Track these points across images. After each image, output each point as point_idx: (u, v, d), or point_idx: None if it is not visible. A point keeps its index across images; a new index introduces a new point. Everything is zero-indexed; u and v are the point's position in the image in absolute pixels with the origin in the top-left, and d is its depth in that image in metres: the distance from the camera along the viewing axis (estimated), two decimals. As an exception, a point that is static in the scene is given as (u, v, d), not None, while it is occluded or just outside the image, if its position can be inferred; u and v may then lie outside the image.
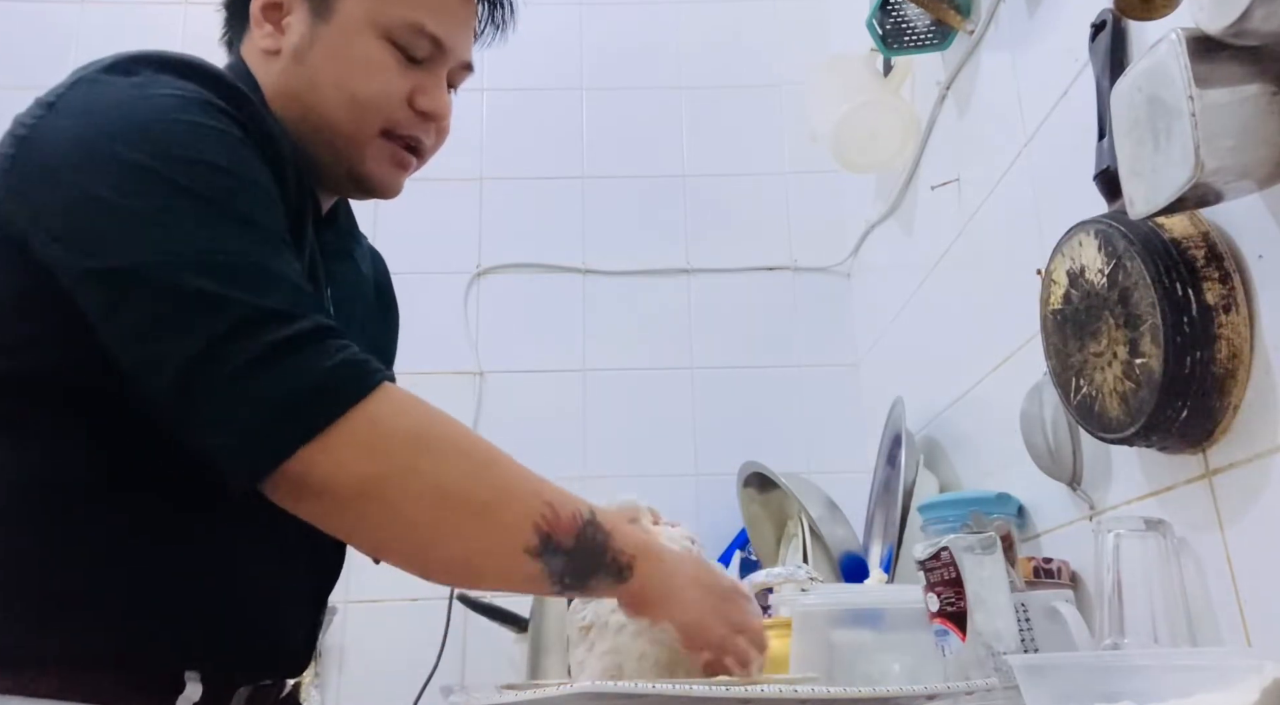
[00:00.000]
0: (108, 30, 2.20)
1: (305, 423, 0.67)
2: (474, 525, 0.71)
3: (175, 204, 0.70)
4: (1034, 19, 1.27)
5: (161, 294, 0.67)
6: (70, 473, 0.73)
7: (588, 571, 0.74)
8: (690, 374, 2.13)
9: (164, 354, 0.67)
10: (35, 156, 0.73)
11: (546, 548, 0.72)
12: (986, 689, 0.78)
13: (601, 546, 0.75)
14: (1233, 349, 0.84)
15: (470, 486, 0.72)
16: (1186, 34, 0.72)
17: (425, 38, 0.88)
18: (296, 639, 0.88)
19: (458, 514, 0.71)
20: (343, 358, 0.69)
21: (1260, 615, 0.84)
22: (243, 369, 0.66)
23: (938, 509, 1.32)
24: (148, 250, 0.68)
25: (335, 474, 0.67)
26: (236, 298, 0.67)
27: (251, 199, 0.74)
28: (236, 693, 0.81)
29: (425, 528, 0.71)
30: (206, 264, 0.68)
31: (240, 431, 0.66)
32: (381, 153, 0.90)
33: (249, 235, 0.71)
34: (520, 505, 0.73)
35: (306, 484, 0.67)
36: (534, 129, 2.27)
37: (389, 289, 1.11)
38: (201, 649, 0.77)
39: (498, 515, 0.72)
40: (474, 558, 0.73)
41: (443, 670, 1.75)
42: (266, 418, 0.66)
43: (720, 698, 0.66)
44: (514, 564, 0.72)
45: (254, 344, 0.66)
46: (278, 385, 0.66)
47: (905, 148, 1.73)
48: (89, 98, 0.75)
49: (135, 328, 0.68)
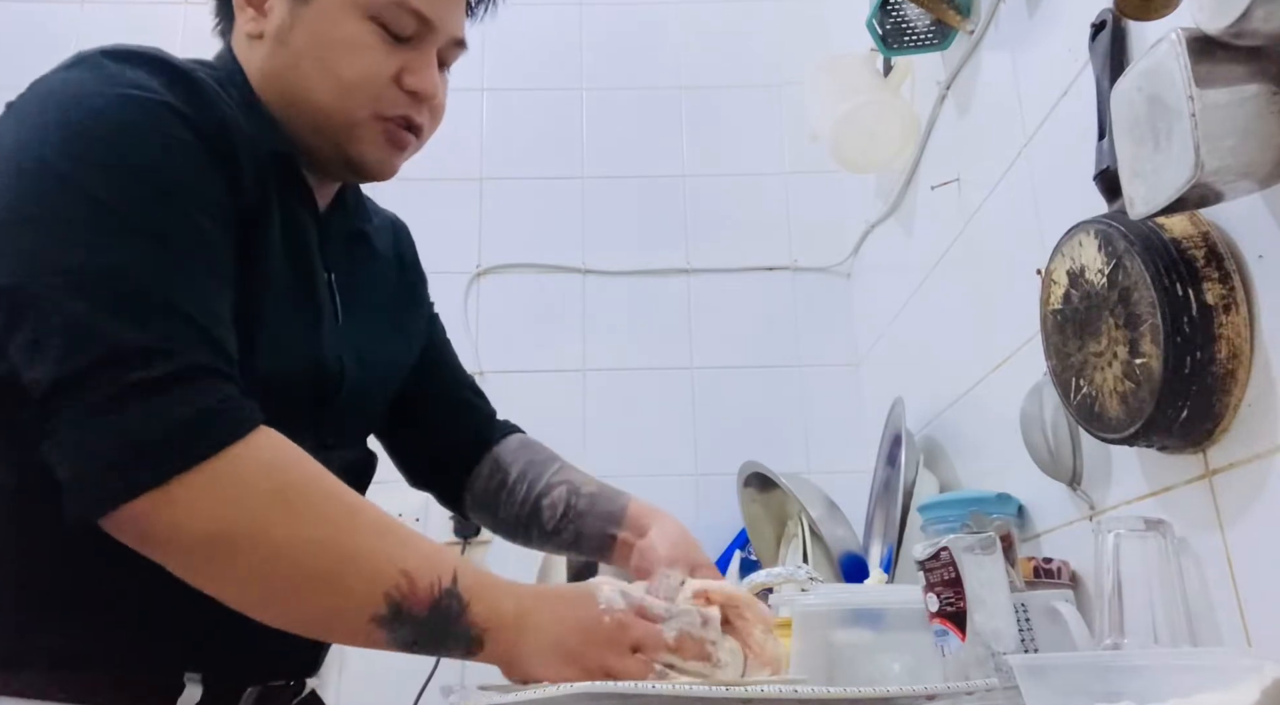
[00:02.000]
0: (108, 30, 2.18)
1: (148, 471, 0.64)
2: (318, 591, 0.68)
3: (81, 214, 0.68)
4: (1034, 19, 1.27)
5: (42, 317, 0.66)
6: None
7: (437, 641, 0.71)
8: (690, 374, 2.13)
9: (36, 377, 0.65)
10: None
11: (396, 617, 0.69)
12: (986, 689, 0.78)
13: (454, 618, 0.71)
14: (1233, 349, 0.84)
15: (316, 554, 0.68)
16: (1186, 34, 0.72)
17: (410, 14, 0.85)
18: (299, 640, 0.88)
19: (302, 578, 0.68)
20: (207, 404, 0.66)
21: (1260, 615, 0.84)
22: (101, 404, 0.64)
23: (938, 509, 1.32)
24: (39, 266, 0.67)
25: (179, 524, 0.65)
26: (111, 329, 0.65)
27: (173, 213, 0.71)
28: (245, 693, 0.81)
29: (268, 589, 0.68)
30: (93, 285, 0.66)
31: (87, 467, 0.65)
32: (374, 134, 0.87)
33: (154, 253, 0.69)
34: (371, 575, 0.69)
35: (148, 530, 0.65)
36: (534, 129, 2.27)
37: (414, 266, 1.09)
38: (201, 650, 0.76)
39: (346, 583, 0.69)
40: (318, 620, 0.71)
41: (443, 670, 1.75)
42: (116, 457, 0.64)
43: (720, 698, 0.66)
44: (359, 630, 0.69)
45: (118, 379, 0.64)
46: (133, 425, 0.64)
47: (905, 148, 1.73)
48: (36, 100, 0.74)
49: (21, 349, 0.67)
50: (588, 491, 1.05)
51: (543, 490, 1.06)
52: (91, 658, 0.72)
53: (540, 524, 1.05)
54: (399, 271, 1.05)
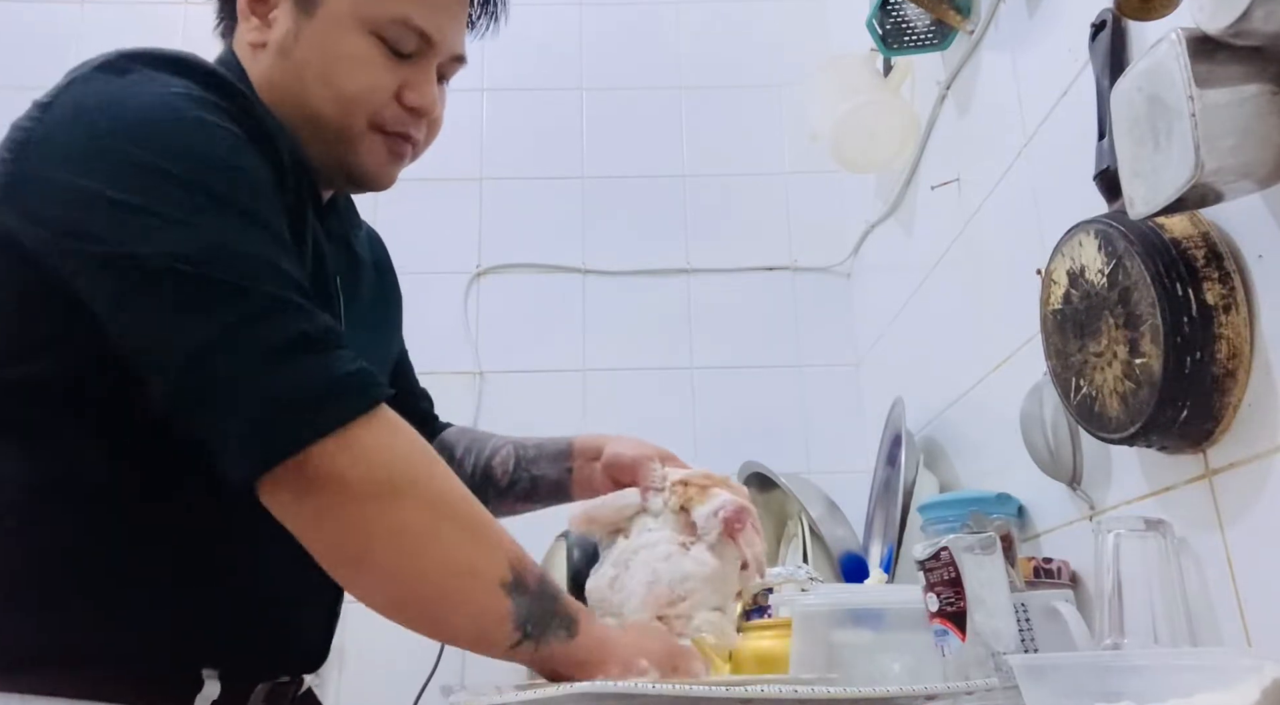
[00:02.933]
0: (108, 30, 2.20)
1: (326, 418, 0.67)
2: (463, 540, 0.71)
3: (175, 198, 0.70)
4: (1034, 19, 1.27)
5: (175, 283, 0.67)
6: (86, 475, 0.74)
7: (545, 620, 0.73)
8: (690, 374, 2.13)
9: (176, 339, 0.67)
10: (32, 158, 0.73)
11: (518, 585, 0.72)
12: (986, 689, 0.78)
13: (554, 598, 0.75)
14: (1233, 349, 0.84)
15: (466, 505, 0.73)
16: (1186, 34, 0.72)
17: (412, 32, 0.87)
18: (314, 636, 0.88)
19: (452, 527, 0.71)
20: (360, 364, 0.70)
21: (1260, 615, 0.84)
22: (262, 358, 0.66)
23: (938, 509, 1.32)
24: (156, 242, 0.68)
25: (351, 470, 0.67)
26: (250, 287, 0.68)
27: (254, 195, 0.74)
28: (255, 690, 0.81)
29: (419, 534, 0.70)
30: (216, 257, 0.68)
31: (254, 420, 0.66)
32: (374, 145, 0.88)
33: (254, 231, 0.71)
34: (499, 538, 0.73)
35: (318, 478, 0.67)
36: (534, 129, 2.27)
37: (390, 271, 1.11)
38: (220, 647, 0.77)
39: (484, 538, 0.72)
40: (453, 577, 0.72)
41: (443, 670, 1.75)
42: (284, 408, 0.66)
43: (720, 698, 0.66)
44: (489, 594, 0.71)
45: (274, 334, 0.67)
46: (300, 378, 0.67)
47: (905, 148, 1.73)
48: (84, 97, 0.74)
49: (149, 316, 0.68)
50: (533, 443, 1.10)
51: (490, 454, 1.10)
52: (112, 655, 0.73)
53: (494, 483, 1.08)
54: (378, 278, 1.07)
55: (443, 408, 1.22)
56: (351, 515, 0.69)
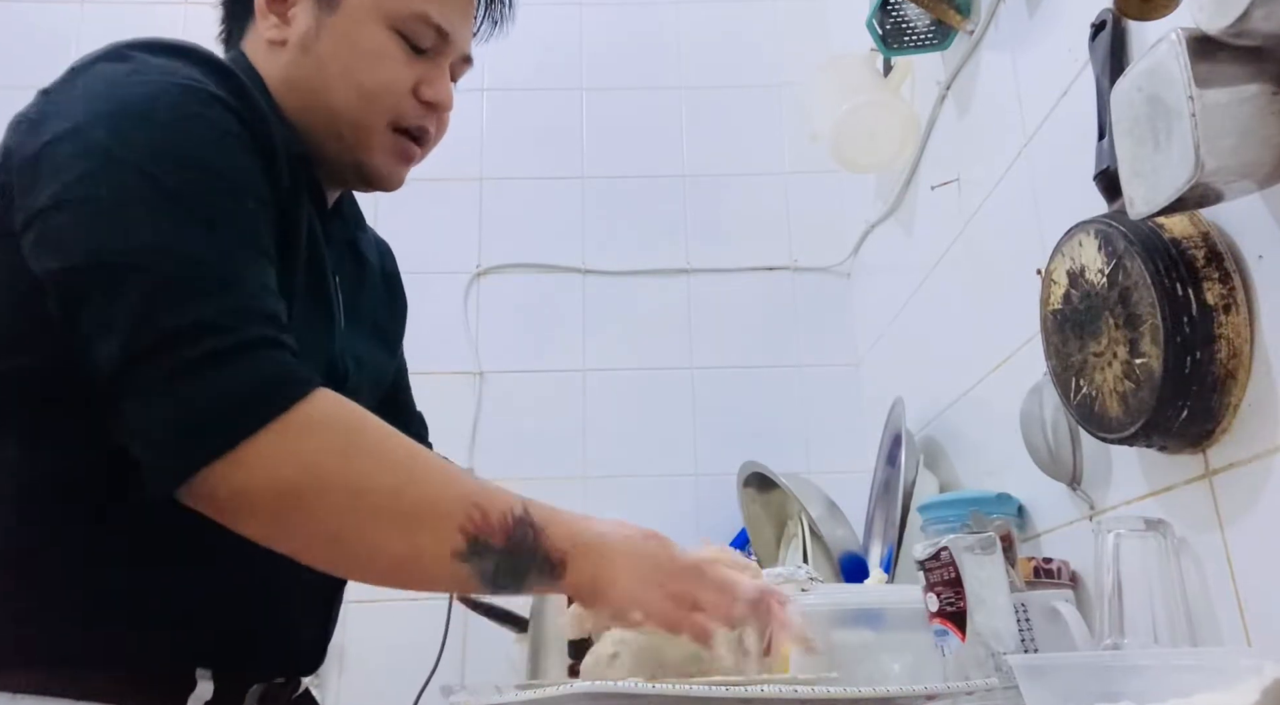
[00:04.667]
0: (108, 30, 2.18)
1: (218, 436, 0.65)
2: (397, 534, 0.69)
3: (140, 197, 0.69)
4: (1034, 19, 1.27)
5: (107, 298, 0.67)
6: (79, 472, 0.74)
7: (520, 571, 0.72)
8: (690, 374, 2.13)
9: (105, 355, 0.66)
10: (26, 146, 0.73)
11: (475, 550, 0.70)
12: (986, 689, 0.78)
13: (532, 545, 0.72)
14: (1233, 349, 0.84)
15: (390, 496, 0.69)
16: (1186, 34, 0.72)
17: (431, 28, 0.89)
18: (309, 635, 0.88)
19: (380, 523, 0.69)
20: (271, 370, 0.68)
21: (1260, 615, 0.84)
22: (167, 379, 0.65)
23: (938, 509, 1.32)
24: (104, 247, 0.68)
25: (246, 488, 0.66)
26: (174, 308, 0.66)
27: (227, 197, 0.73)
28: (249, 691, 0.81)
29: (347, 538, 0.69)
30: (155, 265, 0.67)
31: (158, 440, 0.66)
32: (388, 145, 0.90)
33: (210, 236, 0.70)
34: (445, 512, 0.70)
35: (218, 498, 0.66)
36: (534, 129, 2.27)
37: (396, 277, 1.11)
38: (213, 647, 0.77)
39: (422, 522, 0.70)
40: (400, 565, 0.71)
41: (443, 670, 1.75)
42: (187, 426, 0.65)
43: (720, 698, 0.66)
44: (441, 568, 0.70)
45: (178, 355, 0.65)
46: (201, 395, 0.65)
47: (905, 148, 1.73)
48: (81, 88, 0.75)
49: (87, 328, 0.68)
50: None
51: None
52: (103, 654, 0.72)
53: None
54: (384, 285, 1.07)
55: (443, 408, 1.22)
56: (267, 528, 0.68)
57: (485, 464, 1.98)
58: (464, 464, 1.96)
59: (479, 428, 2.04)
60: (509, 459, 2.00)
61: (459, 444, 2.01)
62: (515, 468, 1.94)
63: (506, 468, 1.92)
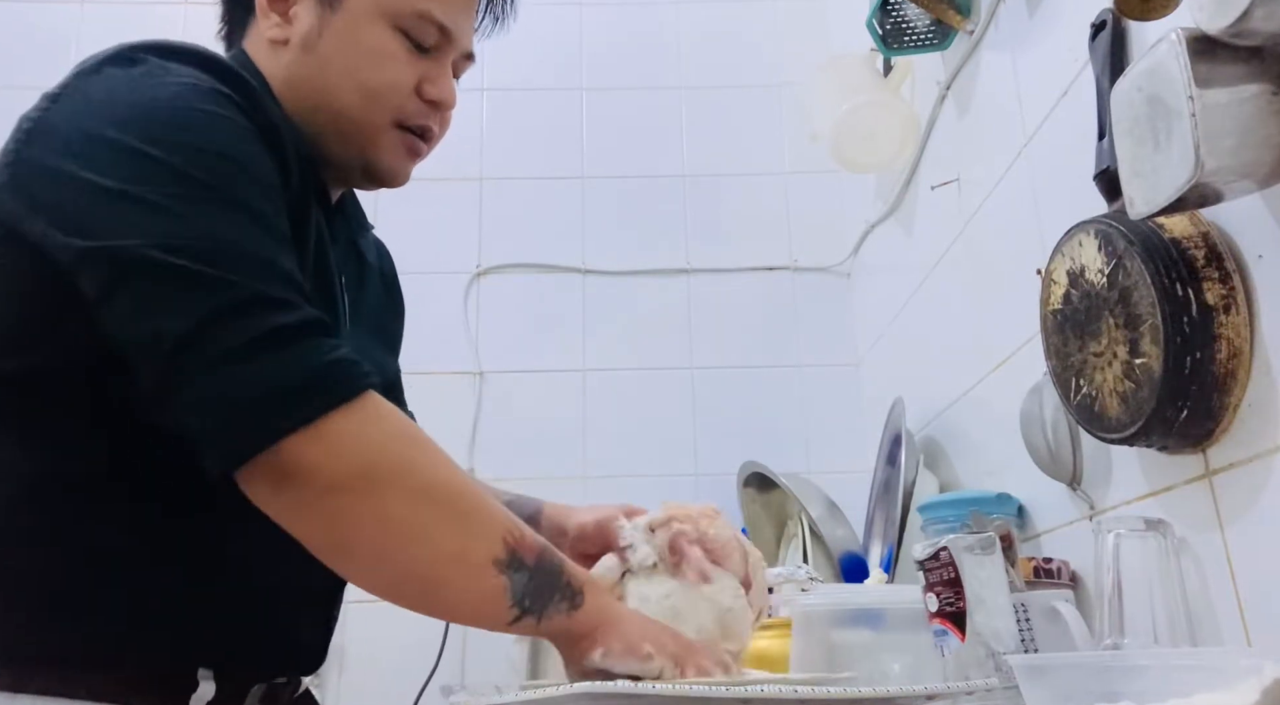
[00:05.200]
0: (108, 30, 2.18)
1: (300, 410, 0.66)
2: (451, 527, 0.71)
3: (174, 190, 0.70)
4: (1034, 19, 1.27)
5: (160, 274, 0.67)
6: (81, 471, 0.74)
7: (546, 593, 0.73)
8: (690, 374, 2.13)
9: (160, 331, 0.66)
10: (38, 148, 0.73)
11: (513, 562, 0.71)
12: (986, 689, 0.78)
13: (557, 570, 0.74)
14: (1233, 349, 0.84)
15: (450, 493, 0.71)
16: (1186, 34, 0.72)
17: (433, 26, 0.89)
18: (311, 636, 0.88)
19: (436, 517, 0.70)
20: (340, 355, 0.69)
21: (1260, 615, 0.84)
22: (238, 350, 0.66)
23: (938, 509, 1.32)
24: (146, 233, 0.68)
25: (325, 462, 0.66)
26: (235, 280, 0.67)
27: (252, 187, 0.73)
28: (251, 691, 0.81)
29: (403, 526, 0.69)
30: (205, 248, 0.68)
31: (228, 412, 0.66)
32: (394, 142, 0.90)
33: (248, 223, 0.71)
34: (490, 518, 0.73)
35: (292, 470, 0.66)
36: (534, 129, 2.27)
37: (394, 279, 1.11)
38: (215, 647, 0.77)
39: (473, 523, 0.71)
40: (442, 563, 0.71)
41: (443, 670, 1.75)
42: (258, 401, 0.65)
43: (720, 698, 0.66)
44: (481, 575, 0.71)
45: (252, 326, 0.66)
46: (274, 370, 0.66)
47: (905, 148, 1.73)
48: (91, 88, 0.75)
49: (134, 306, 0.68)
50: (504, 499, 1.04)
51: None
52: (105, 653, 0.72)
53: None
54: (384, 286, 1.07)
55: (442, 408, 1.23)
56: (329, 507, 0.68)
57: (485, 464, 1.98)
58: (464, 464, 1.96)
59: (479, 428, 2.04)
60: (509, 459, 2.00)
61: (459, 444, 2.00)
62: (515, 468, 1.94)
63: (506, 468, 1.92)
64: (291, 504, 0.69)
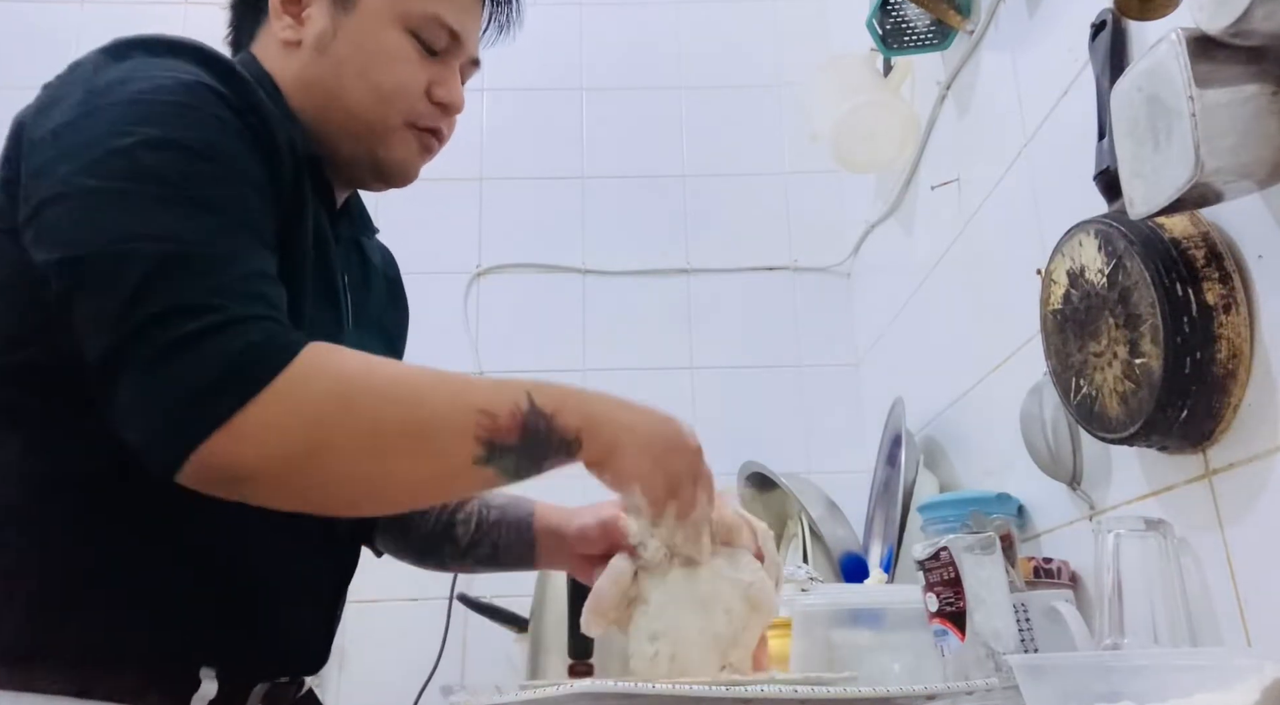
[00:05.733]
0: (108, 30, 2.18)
1: (212, 411, 0.64)
2: (413, 462, 0.70)
3: (137, 187, 0.69)
4: (1034, 19, 1.27)
5: (99, 285, 0.67)
6: (82, 468, 0.74)
7: (539, 458, 0.74)
8: (690, 374, 2.13)
9: (97, 344, 0.66)
10: (26, 146, 0.74)
11: (492, 453, 0.71)
12: (986, 689, 0.78)
13: (546, 433, 0.73)
14: (1233, 349, 0.84)
15: (398, 427, 0.70)
16: (1186, 34, 0.72)
17: (444, 29, 0.90)
18: (314, 635, 0.88)
19: (392, 457, 0.69)
20: (253, 339, 0.66)
21: (1260, 615, 0.84)
22: (155, 358, 0.64)
23: (938, 509, 1.32)
24: (96, 236, 0.68)
25: (254, 457, 0.65)
26: (164, 291, 0.66)
27: (221, 183, 0.72)
28: (253, 690, 0.81)
29: (363, 479, 0.69)
30: (147, 251, 0.67)
31: (152, 422, 0.65)
32: (407, 141, 0.91)
33: (207, 220, 0.70)
34: (454, 425, 0.71)
35: (226, 472, 0.65)
36: (534, 129, 2.27)
37: (399, 283, 1.12)
38: (217, 645, 0.77)
39: (434, 444, 0.71)
40: (423, 489, 0.74)
41: (443, 670, 1.75)
42: (176, 404, 0.64)
43: (720, 697, 0.66)
44: (466, 480, 0.73)
45: (165, 336, 0.65)
46: (184, 375, 0.64)
47: (905, 148, 1.73)
48: (79, 84, 0.75)
49: (82, 319, 0.68)
50: (497, 503, 1.04)
51: (454, 507, 1.05)
52: (106, 652, 0.72)
53: (454, 542, 1.03)
54: (388, 289, 1.08)
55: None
56: (282, 490, 0.68)
57: (485, 464, 1.97)
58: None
59: (479, 428, 2.04)
60: (509, 459, 1.99)
61: (459, 444, 2.00)
62: (515, 468, 1.93)
63: (506, 468, 1.92)
64: (251, 497, 0.68)
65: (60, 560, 0.73)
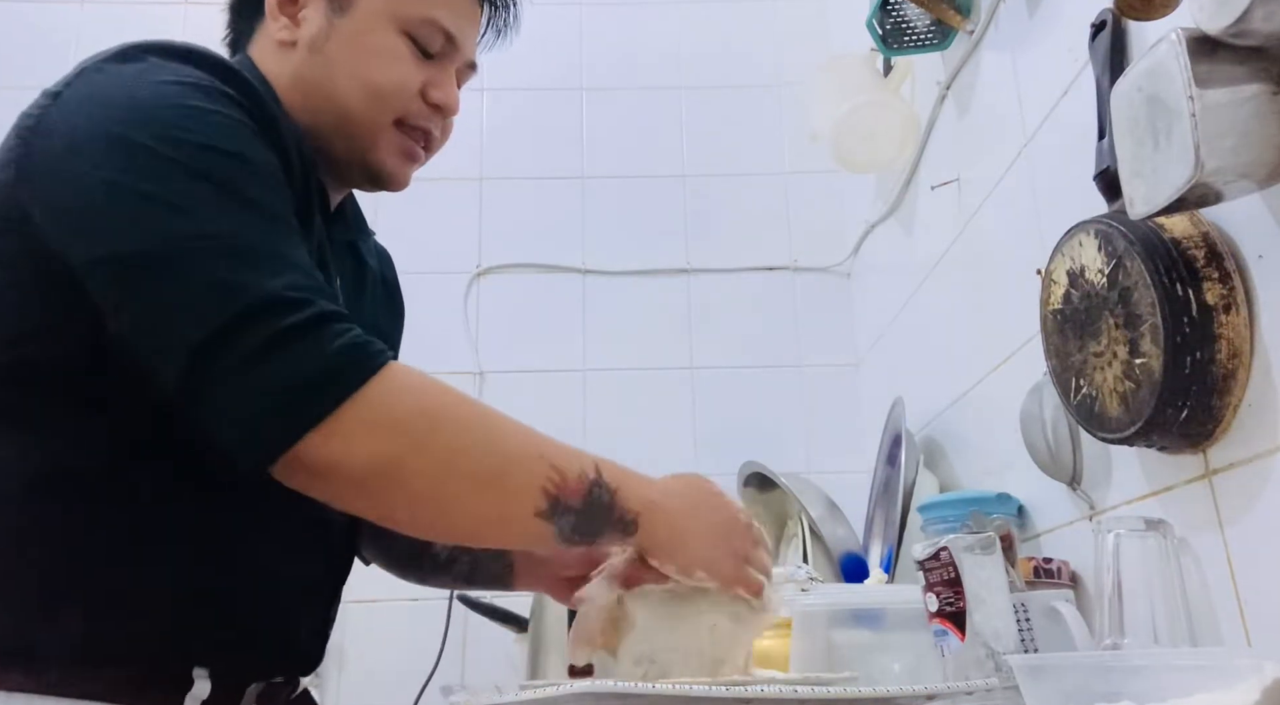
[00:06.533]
0: (108, 30, 2.18)
1: (310, 409, 0.67)
2: (482, 497, 0.72)
3: (183, 187, 0.70)
4: (1034, 19, 1.27)
5: (169, 281, 0.67)
6: (78, 469, 0.74)
7: (596, 529, 0.75)
8: (690, 374, 2.13)
9: (174, 342, 0.67)
10: (41, 146, 0.73)
11: (555, 510, 0.73)
12: (986, 689, 0.78)
13: (608, 506, 0.75)
14: (1233, 349, 0.84)
15: (476, 459, 0.72)
16: (1186, 34, 0.72)
17: (440, 32, 0.91)
18: (308, 635, 0.88)
19: (465, 487, 0.72)
20: (346, 341, 0.69)
21: (1260, 615, 0.84)
22: (248, 357, 0.66)
23: (938, 509, 1.32)
24: (154, 236, 0.68)
25: (342, 458, 0.67)
26: (242, 285, 0.67)
27: (259, 183, 0.74)
28: (247, 690, 0.81)
29: (434, 502, 0.72)
30: (214, 249, 0.68)
31: (246, 420, 0.67)
32: (392, 143, 0.91)
33: (256, 219, 0.71)
34: (526, 472, 0.73)
35: (314, 469, 0.68)
36: (534, 129, 2.27)
37: (395, 286, 1.12)
38: (210, 645, 0.77)
39: (505, 484, 0.73)
40: (485, 527, 0.75)
41: (443, 670, 1.75)
42: (271, 406, 0.66)
43: (720, 697, 0.66)
44: (524, 529, 0.73)
45: (260, 331, 0.66)
46: (282, 372, 0.66)
47: (905, 148, 1.73)
48: (94, 86, 0.75)
49: (146, 316, 0.68)
50: None
51: None
52: (99, 652, 0.72)
53: (433, 556, 1.04)
54: (384, 291, 1.08)
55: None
56: (359, 495, 0.71)
57: (485, 464, 1.97)
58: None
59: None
60: (509, 459, 2.00)
61: (459, 444, 2.00)
62: (515, 468, 1.93)
63: (506, 468, 1.92)
64: (326, 495, 0.71)
65: (53, 559, 0.73)
